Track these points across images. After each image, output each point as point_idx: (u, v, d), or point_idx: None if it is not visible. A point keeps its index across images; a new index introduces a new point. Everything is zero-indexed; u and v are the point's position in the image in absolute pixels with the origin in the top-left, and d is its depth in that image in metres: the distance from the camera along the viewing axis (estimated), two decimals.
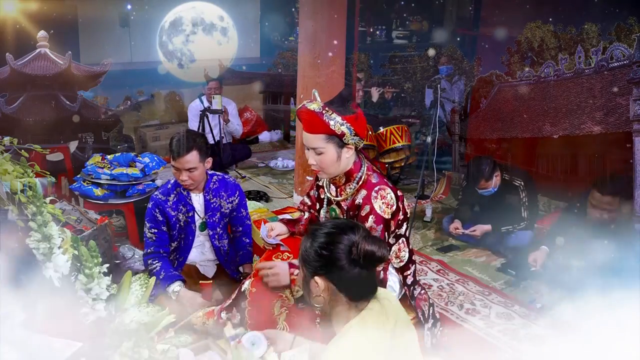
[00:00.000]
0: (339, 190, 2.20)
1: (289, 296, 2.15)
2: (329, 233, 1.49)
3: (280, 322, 2.17)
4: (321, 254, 1.47)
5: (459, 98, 5.20)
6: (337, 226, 1.52)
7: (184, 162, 2.52)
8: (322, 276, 1.48)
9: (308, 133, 2.04)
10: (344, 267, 1.45)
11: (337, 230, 1.49)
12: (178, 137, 2.56)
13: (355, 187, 2.12)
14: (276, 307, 2.17)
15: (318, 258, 1.48)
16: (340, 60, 3.85)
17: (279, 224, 2.34)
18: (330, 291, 1.48)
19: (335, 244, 1.46)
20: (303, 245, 1.53)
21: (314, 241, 1.50)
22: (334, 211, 2.23)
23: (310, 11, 3.76)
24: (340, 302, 1.48)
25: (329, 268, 1.47)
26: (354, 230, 1.50)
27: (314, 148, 2.05)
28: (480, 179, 3.63)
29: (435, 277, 3.39)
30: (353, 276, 1.46)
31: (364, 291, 1.50)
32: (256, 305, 2.19)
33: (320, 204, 2.35)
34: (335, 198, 2.21)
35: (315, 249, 1.48)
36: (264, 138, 6.62)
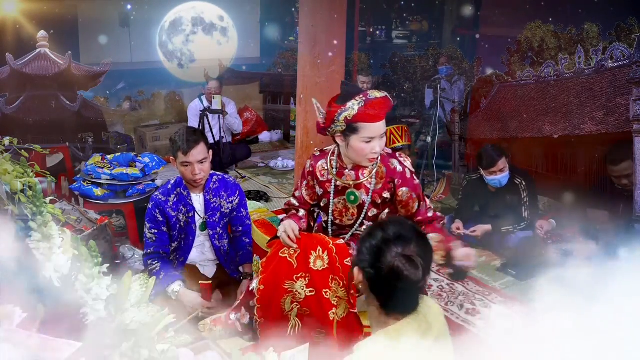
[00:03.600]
0: (360, 173, 2.26)
1: (300, 290, 2.15)
2: (398, 237, 1.43)
3: (292, 318, 2.17)
4: (365, 248, 1.45)
5: (459, 98, 5.20)
6: (413, 232, 1.46)
7: (196, 154, 2.53)
8: (361, 270, 1.47)
9: (382, 120, 2.16)
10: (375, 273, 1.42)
11: (405, 240, 1.42)
12: (180, 134, 2.57)
13: (377, 164, 2.26)
14: (286, 303, 2.17)
15: (362, 250, 1.47)
16: (340, 60, 3.85)
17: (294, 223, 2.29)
18: (365, 287, 1.47)
19: (389, 249, 1.41)
20: (367, 230, 1.51)
21: (375, 234, 1.46)
22: (352, 194, 2.27)
23: (310, 11, 3.76)
24: (373, 303, 1.46)
25: (364, 264, 1.45)
26: (422, 246, 1.44)
27: (383, 133, 2.19)
28: (498, 158, 3.55)
29: (435, 277, 3.39)
30: (382, 285, 1.42)
31: (397, 305, 1.44)
32: (266, 303, 2.19)
33: (324, 196, 2.34)
34: (356, 181, 2.26)
35: (366, 241, 1.46)
36: (264, 138, 6.62)
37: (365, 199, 2.26)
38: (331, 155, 2.34)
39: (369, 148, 2.16)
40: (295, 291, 2.15)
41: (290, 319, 2.17)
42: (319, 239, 2.20)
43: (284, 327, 2.17)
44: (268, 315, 2.19)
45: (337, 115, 2.14)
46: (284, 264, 2.18)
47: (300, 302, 2.15)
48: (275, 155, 6.08)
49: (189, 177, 2.59)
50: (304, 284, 2.14)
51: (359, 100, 2.12)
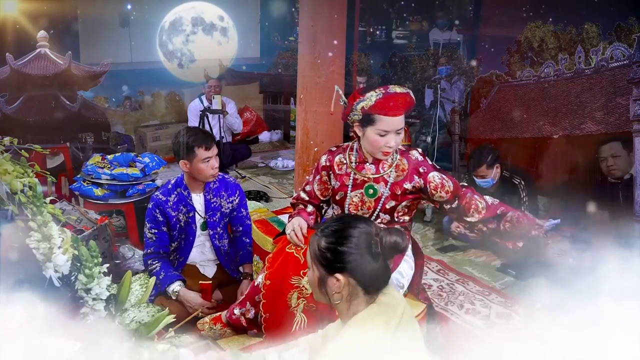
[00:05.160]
0: (379, 166, 2.27)
1: (307, 286, 2.14)
2: (343, 229, 1.48)
3: (298, 314, 2.16)
4: (340, 250, 1.46)
5: (459, 98, 5.20)
6: (347, 221, 1.52)
7: (214, 148, 2.63)
8: (343, 272, 1.46)
9: (399, 116, 2.16)
10: (366, 260, 1.45)
11: (350, 225, 1.49)
12: (191, 134, 2.62)
13: (397, 157, 2.26)
14: (293, 299, 2.17)
15: (337, 254, 1.46)
16: (340, 60, 3.85)
17: (303, 221, 2.29)
18: (351, 286, 1.47)
19: (352, 238, 1.46)
20: (315, 244, 1.51)
21: (328, 238, 1.48)
22: (372, 188, 2.27)
23: (310, 11, 3.76)
24: (358, 296, 1.48)
25: (349, 263, 1.45)
26: (367, 222, 1.50)
27: (399, 129, 2.18)
28: (482, 164, 3.58)
29: (435, 277, 3.39)
30: (373, 269, 1.46)
31: (380, 283, 1.50)
32: (272, 298, 2.19)
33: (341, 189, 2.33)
34: (376, 175, 2.26)
35: (332, 246, 1.47)
36: (264, 138, 6.62)
37: (383, 191, 2.26)
38: (349, 150, 2.34)
39: (383, 141, 2.17)
40: (302, 287, 2.15)
41: (296, 315, 2.17)
42: None
43: (290, 323, 2.16)
44: (274, 311, 2.19)
45: (356, 104, 2.18)
46: (290, 259, 2.18)
47: (306, 297, 2.14)
48: (275, 155, 6.08)
49: (209, 173, 2.62)
50: None
51: (377, 92, 2.15)
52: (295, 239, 2.19)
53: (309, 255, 1.55)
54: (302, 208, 2.42)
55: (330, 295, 1.50)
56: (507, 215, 2.25)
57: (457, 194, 2.26)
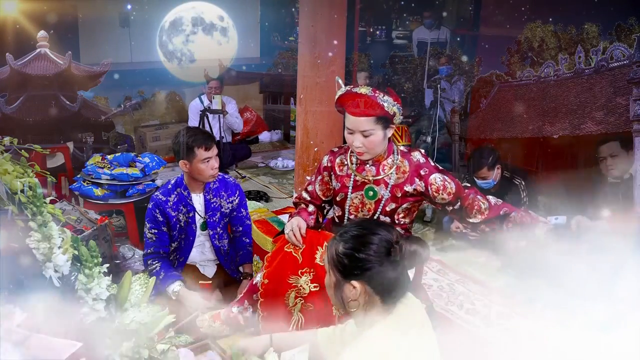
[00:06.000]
0: (380, 168, 2.25)
1: (304, 286, 2.14)
2: (362, 234, 1.44)
3: (295, 313, 2.17)
4: (358, 257, 1.41)
5: (459, 98, 5.20)
6: (367, 226, 1.47)
7: (214, 149, 2.63)
8: (360, 280, 1.42)
9: (358, 117, 2.12)
10: (384, 269, 1.40)
11: (370, 231, 1.45)
12: (191, 134, 2.61)
13: (398, 159, 2.23)
14: (290, 298, 2.17)
15: (355, 261, 1.41)
16: (340, 60, 3.85)
17: (302, 221, 2.28)
18: (367, 295, 1.43)
19: (372, 245, 1.41)
20: (333, 249, 1.47)
21: (347, 243, 1.44)
22: (371, 190, 2.26)
23: (310, 11, 3.76)
24: (375, 305, 1.43)
25: (367, 271, 1.41)
26: (387, 229, 1.46)
27: (363, 131, 2.13)
28: (483, 166, 3.57)
29: (435, 277, 3.39)
30: (391, 278, 1.41)
31: (399, 293, 1.45)
32: (269, 297, 2.19)
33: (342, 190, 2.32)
34: (376, 177, 2.25)
35: (350, 252, 1.42)
36: (264, 138, 6.62)
37: (383, 193, 2.24)
38: (351, 151, 2.33)
39: (350, 139, 2.17)
40: (300, 286, 2.15)
41: (293, 314, 2.17)
42: (325, 234, 2.20)
43: (287, 322, 2.16)
44: (271, 310, 2.19)
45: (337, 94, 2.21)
46: (289, 259, 2.18)
47: (304, 297, 2.14)
48: (275, 155, 6.08)
49: (209, 173, 2.61)
50: (308, 279, 2.14)
51: (347, 88, 2.16)
52: (293, 239, 2.19)
53: (326, 258, 1.52)
54: (303, 208, 2.42)
55: (346, 302, 1.46)
56: (510, 216, 2.24)
57: (459, 196, 2.24)
